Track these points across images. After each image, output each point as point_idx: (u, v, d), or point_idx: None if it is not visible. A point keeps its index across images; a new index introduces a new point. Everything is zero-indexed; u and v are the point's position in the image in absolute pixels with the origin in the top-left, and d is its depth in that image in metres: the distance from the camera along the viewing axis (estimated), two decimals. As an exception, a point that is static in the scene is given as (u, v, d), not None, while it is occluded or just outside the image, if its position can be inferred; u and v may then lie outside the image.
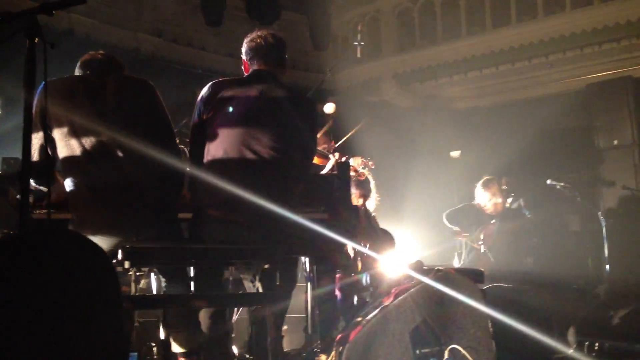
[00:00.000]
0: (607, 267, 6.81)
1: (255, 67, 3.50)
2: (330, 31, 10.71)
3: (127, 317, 3.07)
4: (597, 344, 4.79)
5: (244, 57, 3.58)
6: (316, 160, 4.80)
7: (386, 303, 3.34)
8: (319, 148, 6.26)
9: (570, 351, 4.83)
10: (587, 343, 4.82)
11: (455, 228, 6.68)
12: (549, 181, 7.45)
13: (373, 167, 6.27)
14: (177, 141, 3.62)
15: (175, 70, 9.04)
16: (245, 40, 3.56)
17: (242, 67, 3.62)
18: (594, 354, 4.71)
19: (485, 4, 9.63)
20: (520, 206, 7.63)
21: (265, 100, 3.35)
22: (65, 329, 1.74)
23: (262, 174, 3.29)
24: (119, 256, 2.87)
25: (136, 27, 9.05)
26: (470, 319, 3.36)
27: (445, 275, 3.47)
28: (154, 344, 4.79)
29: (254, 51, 3.48)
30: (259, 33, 3.54)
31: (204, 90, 3.40)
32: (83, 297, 1.80)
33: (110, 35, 8.47)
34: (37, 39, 2.38)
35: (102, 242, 2.90)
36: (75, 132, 3.11)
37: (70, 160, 3.12)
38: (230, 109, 3.30)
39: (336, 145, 6.50)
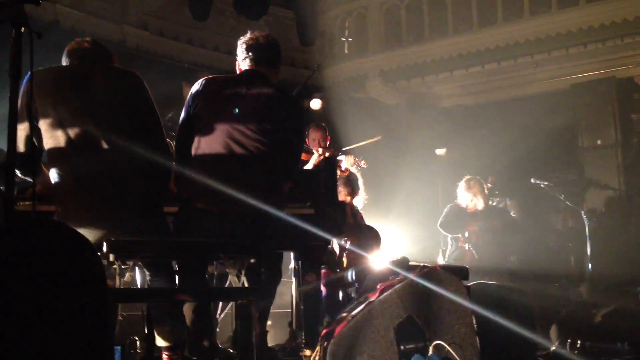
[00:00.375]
0: (590, 265, 6.87)
1: (246, 67, 3.54)
2: (317, 27, 10.69)
3: (112, 311, 3.05)
4: (579, 342, 4.83)
5: (238, 59, 3.62)
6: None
7: (371, 299, 3.34)
8: (317, 142, 6.33)
9: (552, 348, 4.87)
10: (569, 341, 4.86)
11: (456, 235, 6.70)
12: (533, 180, 7.50)
13: (365, 166, 6.30)
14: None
15: (161, 64, 8.99)
16: (239, 42, 3.60)
17: (237, 67, 3.64)
18: (576, 352, 4.75)
19: (471, 2, 9.66)
20: (504, 205, 7.69)
21: (252, 98, 3.40)
22: (50, 320, 1.73)
23: (248, 168, 3.32)
24: (104, 249, 2.85)
25: (122, 19, 8.99)
26: (455, 316, 3.37)
27: (431, 271, 3.48)
28: (137, 338, 4.77)
29: (246, 52, 3.53)
30: (252, 34, 3.59)
31: (195, 86, 3.45)
32: (69, 288, 1.78)
33: (95, 28, 8.40)
34: (23, 28, 2.36)
35: (87, 234, 2.86)
36: (61, 123, 3.06)
37: (55, 151, 3.08)
38: (219, 105, 3.36)
39: (344, 149, 6.56)
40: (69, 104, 3.08)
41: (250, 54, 3.52)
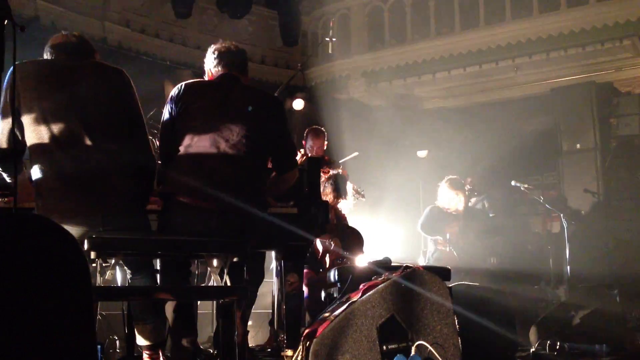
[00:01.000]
0: (568, 268, 6.93)
1: (220, 72, 3.60)
2: (300, 27, 10.68)
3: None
4: (558, 343, 4.87)
5: (207, 67, 3.67)
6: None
7: (354, 299, 3.34)
8: (314, 150, 6.30)
9: (532, 349, 4.91)
10: (549, 342, 4.90)
11: (437, 238, 6.71)
12: (513, 182, 7.55)
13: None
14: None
15: (143, 61, 8.92)
16: (209, 50, 3.68)
17: (206, 75, 3.69)
18: (555, 353, 4.79)
19: (454, 5, 9.72)
20: (484, 206, 7.73)
21: (233, 97, 3.43)
22: (32, 318, 1.69)
23: (233, 167, 3.33)
24: (85, 246, 2.81)
25: (103, 16, 8.91)
26: (437, 316, 3.38)
27: (413, 272, 3.48)
28: (116, 338, 4.73)
29: (219, 58, 3.61)
30: (222, 42, 3.68)
31: (174, 90, 3.49)
32: (52, 285, 1.74)
33: (76, 24, 8.30)
34: (6, 21, 2.32)
35: (69, 231, 2.83)
36: (45, 118, 3.02)
37: (38, 146, 3.03)
38: (200, 106, 3.39)
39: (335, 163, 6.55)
40: (54, 98, 3.04)
41: (223, 59, 3.59)
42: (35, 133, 3.03)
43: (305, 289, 4.70)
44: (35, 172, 3.06)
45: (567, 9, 8.81)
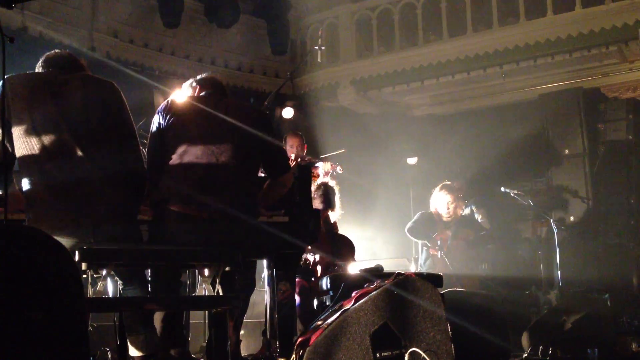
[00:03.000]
0: (559, 273, 6.95)
1: (203, 92, 3.69)
2: (289, 36, 10.69)
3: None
4: (551, 349, 4.88)
5: (187, 90, 3.78)
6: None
7: (347, 307, 3.34)
8: (294, 149, 6.41)
9: (525, 355, 4.92)
10: (541, 347, 4.91)
11: (425, 243, 6.71)
12: (502, 188, 7.58)
13: (341, 171, 6.34)
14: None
15: (131, 71, 8.89)
16: (186, 83, 3.83)
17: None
18: (548, 358, 4.80)
19: (441, 13, 9.76)
20: (472, 211, 7.74)
21: (220, 109, 3.50)
22: (25, 329, 1.68)
23: (222, 174, 3.37)
24: (76, 257, 2.79)
25: (92, 26, 8.86)
26: (430, 323, 3.39)
27: (406, 279, 3.48)
28: (107, 349, 4.70)
29: (197, 83, 3.73)
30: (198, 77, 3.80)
31: (163, 103, 3.56)
32: (45, 296, 1.73)
33: (64, 34, 8.27)
34: (-5, 32, 2.31)
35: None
36: (35, 129, 3.02)
37: (28, 158, 3.04)
38: (189, 118, 3.46)
39: (317, 160, 6.61)
40: (44, 110, 3.05)
41: (203, 83, 3.71)
42: (25, 144, 3.03)
43: (297, 297, 4.69)
44: (25, 183, 3.05)
45: (554, 15, 8.87)
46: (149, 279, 3.48)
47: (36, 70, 3.30)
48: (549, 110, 9.65)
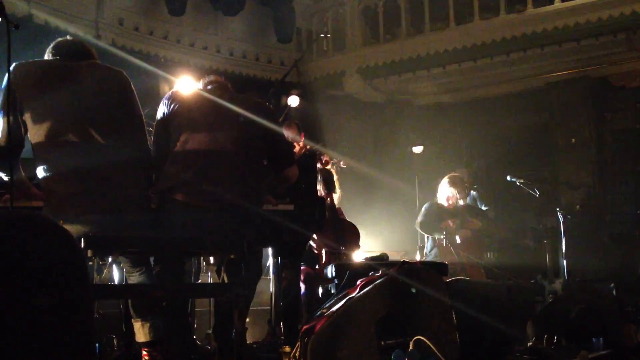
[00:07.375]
0: (564, 262, 6.94)
1: (209, 86, 3.71)
2: (294, 24, 10.64)
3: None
4: (555, 337, 4.87)
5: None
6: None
7: (352, 295, 3.34)
8: (290, 139, 6.36)
9: (529, 343, 4.91)
10: (546, 336, 4.90)
11: (436, 235, 6.69)
12: (508, 177, 7.56)
13: (344, 166, 6.30)
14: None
15: (137, 59, 8.87)
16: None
17: None
18: (552, 347, 4.79)
19: (448, 1, 9.70)
20: (475, 198, 7.73)
21: (225, 100, 3.53)
22: (31, 316, 1.69)
23: (226, 162, 3.38)
24: (82, 244, 2.80)
25: (97, 14, 8.85)
26: (435, 311, 3.39)
27: (411, 267, 3.49)
28: (114, 336, 4.72)
29: (207, 81, 3.74)
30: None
31: (167, 93, 3.61)
32: (50, 284, 1.74)
33: (70, 22, 8.25)
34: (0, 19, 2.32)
35: (72, 228, 2.83)
36: (48, 116, 3.05)
37: (41, 145, 3.07)
38: (193, 107, 3.49)
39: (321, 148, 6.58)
40: (56, 97, 3.07)
41: (208, 80, 3.72)
42: (38, 131, 3.06)
43: (302, 285, 4.70)
44: (40, 171, 3.08)
45: (562, 3, 8.80)
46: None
47: (45, 57, 3.30)
48: (556, 99, 9.61)
